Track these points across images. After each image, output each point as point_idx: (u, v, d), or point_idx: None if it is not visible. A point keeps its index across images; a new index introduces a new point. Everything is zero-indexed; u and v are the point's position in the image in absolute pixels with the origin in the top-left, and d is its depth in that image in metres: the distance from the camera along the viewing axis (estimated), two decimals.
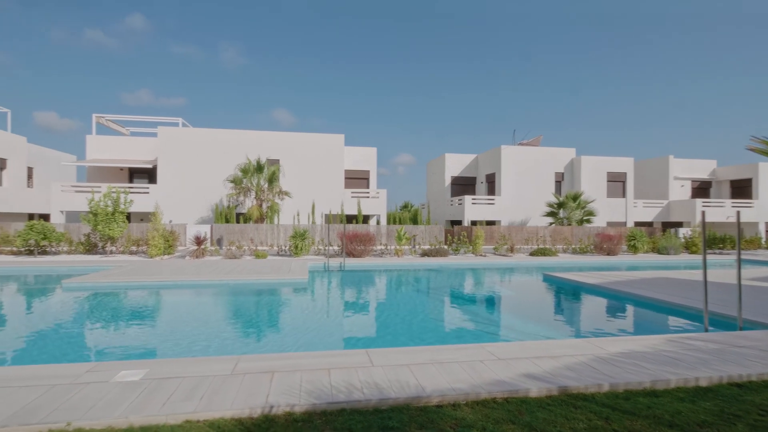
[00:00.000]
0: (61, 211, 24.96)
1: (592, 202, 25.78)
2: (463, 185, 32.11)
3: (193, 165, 24.70)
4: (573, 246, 21.13)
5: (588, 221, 25.09)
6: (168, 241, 16.76)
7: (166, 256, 16.37)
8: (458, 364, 4.75)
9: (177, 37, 69.70)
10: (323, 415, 3.60)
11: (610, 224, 27.85)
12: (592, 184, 28.36)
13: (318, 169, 25.38)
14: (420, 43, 67.46)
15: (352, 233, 16.53)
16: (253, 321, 8.26)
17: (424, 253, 16.93)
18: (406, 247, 19.17)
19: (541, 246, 20.98)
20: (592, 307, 10.10)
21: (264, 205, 21.91)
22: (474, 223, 26.58)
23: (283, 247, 18.52)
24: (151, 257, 15.87)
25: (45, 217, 28.91)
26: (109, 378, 4.06)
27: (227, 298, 9.97)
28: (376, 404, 3.78)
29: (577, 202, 24.85)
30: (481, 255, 17.61)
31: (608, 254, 18.56)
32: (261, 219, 21.51)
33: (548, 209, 26.24)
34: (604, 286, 10.62)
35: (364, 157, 28.70)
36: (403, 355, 5.00)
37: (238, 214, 23.48)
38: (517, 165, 28.23)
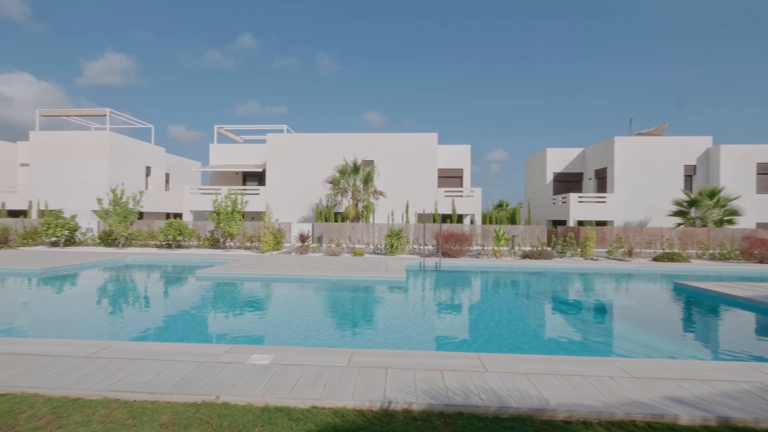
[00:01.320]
0: (191, 211, 29.14)
1: (735, 199, 21.55)
2: (567, 182, 29.46)
3: (296, 168, 26.80)
4: (710, 251, 17.89)
5: (730, 222, 21.04)
6: (276, 238, 18.39)
7: (275, 252, 17.97)
8: (584, 378, 4.27)
9: (280, 51, 76.76)
10: (441, 416, 3.51)
11: (760, 226, 23.01)
12: (735, 177, 23.74)
13: (411, 169, 25.56)
14: (517, 39, 63.94)
15: (447, 233, 16.25)
16: (356, 316, 8.56)
17: (525, 255, 15.88)
18: (505, 248, 18.22)
19: (666, 250, 18.19)
20: (744, 325, 8.38)
21: (360, 205, 22.80)
22: (580, 223, 24.21)
23: (379, 246, 19.01)
24: (263, 252, 17.56)
25: (178, 216, 34.12)
26: (244, 360, 4.50)
27: (331, 293, 10.52)
28: (496, 412, 3.57)
29: (715, 200, 21.01)
30: (591, 259, 15.91)
31: (760, 262, 15.31)
32: (357, 218, 22.42)
33: (675, 208, 22.66)
34: (759, 300, 8.74)
35: (458, 155, 28.10)
36: (517, 363, 4.68)
37: (336, 213, 24.81)
38: (635, 158, 24.90)
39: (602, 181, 26.66)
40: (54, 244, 19.35)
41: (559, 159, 29.74)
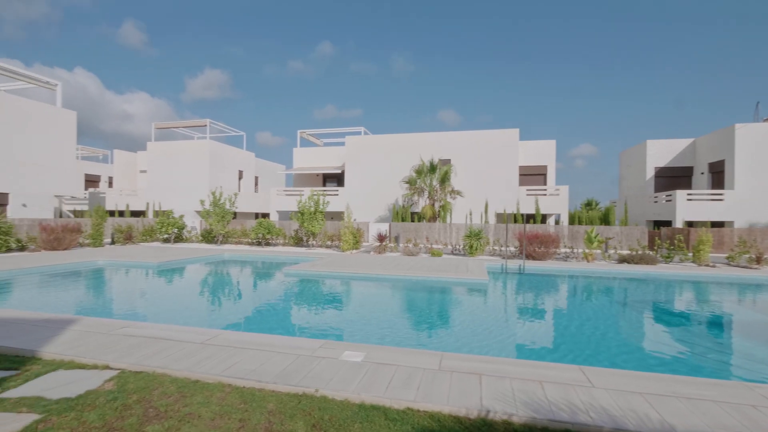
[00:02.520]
0: (276, 211, 31.30)
1: None
2: (672, 177, 26.02)
3: (373, 168, 27.37)
4: None
5: None
6: (355, 237, 18.93)
7: (354, 251, 18.52)
8: (716, 405, 3.67)
9: (355, 56, 79.37)
10: (545, 431, 3.24)
11: None
12: None
13: (491, 167, 24.60)
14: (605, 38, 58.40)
15: (531, 234, 15.31)
16: (439, 318, 8.42)
17: (623, 259, 14.33)
18: (597, 251, 16.64)
19: None
20: None
21: (436, 205, 22.54)
22: (690, 224, 21.21)
23: (457, 246, 18.59)
24: (343, 251, 18.19)
25: (265, 216, 36.93)
26: (337, 356, 4.63)
27: (412, 293, 10.50)
28: None
29: None
30: (707, 265, 13.82)
31: None
32: (434, 218, 22.20)
33: None
34: None
35: (541, 151, 26.41)
36: (629, 380, 4.17)
37: (413, 213, 24.83)
38: (762, 148, 21.11)
39: (718, 176, 23.06)
40: (166, 240, 22.14)
41: (661, 152, 26.41)
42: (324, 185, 34.29)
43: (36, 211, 23.11)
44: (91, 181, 39.00)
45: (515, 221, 22.57)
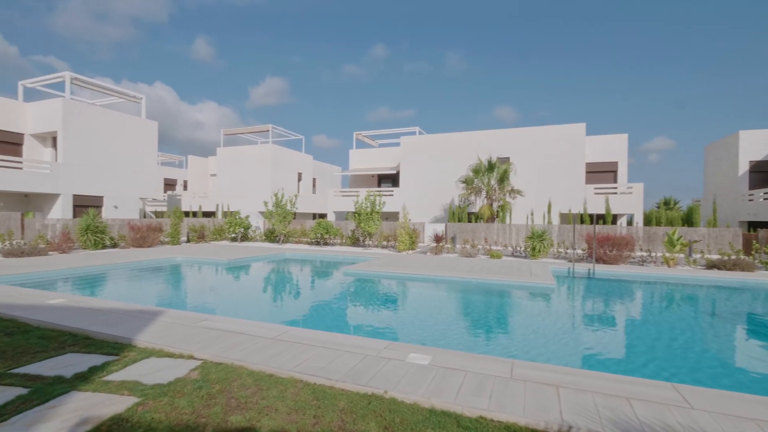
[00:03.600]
0: (333, 212, 32.13)
1: None
2: None
3: (428, 168, 27.13)
4: None
5: None
6: (411, 238, 18.86)
7: (410, 251, 18.46)
8: None
9: (409, 56, 79.37)
10: None
11: None
12: None
13: (554, 164, 23.31)
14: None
15: (602, 235, 14.23)
16: (502, 322, 8.09)
17: (712, 265, 12.83)
18: (680, 255, 15.07)
19: None
20: None
21: (495, 205, 21.80)
22: None
23: (517, 248, 17.81)
24: (399, 251, 18.20)
25: (322, 216, 38.10)
26: (403, 357, 4.59)
27: (473, 296, 10.21)
28: None
29: None
30: None
31: None
32: (492, 218, 21.49)
33: None
34: None
35: (610, 147, 24.55)
36: (735, 403, 3.67)
37: (469, 214, 24.23)
38: None
39: None
40: (234, 239, 23.64)
41: (757, 144, 23.34)
42: (379, 186, 34.64)
43: (124, 212, 25.82)
44: (169, 184, 42.80)
45: (581, 222, 21.16)
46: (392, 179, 34.05)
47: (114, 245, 18.07)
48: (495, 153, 23.59)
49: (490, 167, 21.26)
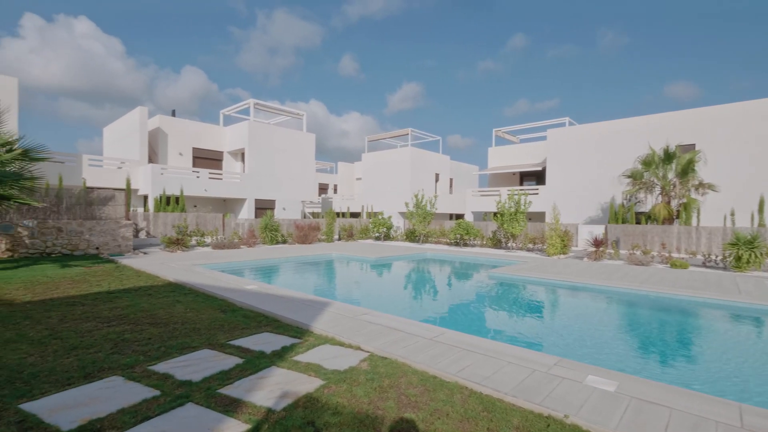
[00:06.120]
0: (471, 212, 31.35)
1: None
2: None
3: (580, 163, 24.17)
4: None
5: None
6: (563, 241, 17.01)
7: (561, 256, 16.67)
8: None
9: (552, 40, 72.40)
10: None
11: None
12: None
13: (763, 151, 18.04)
14: None
15: None
16: (700, 349, 6.51)
17: None
18: None
19: None
20: None
21: (673, 203, 18.01)
22: None
23: (711, 257, 14.28)
24: (549, 255, 16.61)
25: (460, 217, 37.59)
26: (580, 379, 4.03)
27: (650, 313, 8.57)
28: None
29: None
30: None
31: None
32: (670, 219, 17.80)
33: None
34: None
35: None
36: None
37: (637, 214, 20.62)
38: None
39: None
40: (377, 238, 25.24)
41: None
42: (521, 184, 32.50)
43: (290, 213, 30.26)
44: (322, 188, 48.46)
45: None
46: (536, 177, 31.50)
47: (284, 241, 21.25)
48: (673, 140, 19.50)
49: (667, 157, 17.64)
